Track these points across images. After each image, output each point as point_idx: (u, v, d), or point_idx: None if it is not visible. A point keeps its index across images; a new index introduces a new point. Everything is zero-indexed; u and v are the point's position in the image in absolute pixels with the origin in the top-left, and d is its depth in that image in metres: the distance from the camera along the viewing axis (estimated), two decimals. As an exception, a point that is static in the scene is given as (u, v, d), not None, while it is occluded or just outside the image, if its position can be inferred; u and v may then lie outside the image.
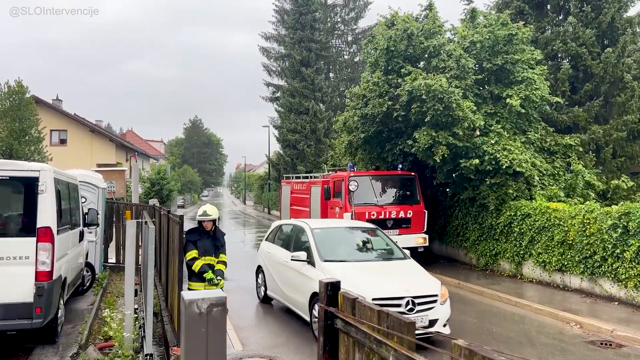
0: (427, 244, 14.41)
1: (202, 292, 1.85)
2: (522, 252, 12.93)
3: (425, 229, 14.52)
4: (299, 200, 17.68)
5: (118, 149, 40.35)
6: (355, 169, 15.60)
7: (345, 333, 2.16)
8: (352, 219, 13.34)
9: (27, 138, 25.08)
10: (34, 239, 7.27)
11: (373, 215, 13.85)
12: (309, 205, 16.48)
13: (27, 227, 7.33)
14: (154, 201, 17.57)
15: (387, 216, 14.01)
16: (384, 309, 1.90)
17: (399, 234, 13.75)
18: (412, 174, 15.05)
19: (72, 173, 11.17)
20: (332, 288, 2.31)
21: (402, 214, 14.17)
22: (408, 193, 14.73)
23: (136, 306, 8.90)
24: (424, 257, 14.38)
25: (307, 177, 18.09)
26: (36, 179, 7.41)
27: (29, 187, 7.43)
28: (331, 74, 42.06)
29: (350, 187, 13.71)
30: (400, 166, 15.48)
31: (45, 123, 30.34)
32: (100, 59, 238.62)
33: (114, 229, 15.21)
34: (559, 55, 17.23)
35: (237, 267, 16.78)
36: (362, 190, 13.96)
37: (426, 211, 14.67)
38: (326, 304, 2.32)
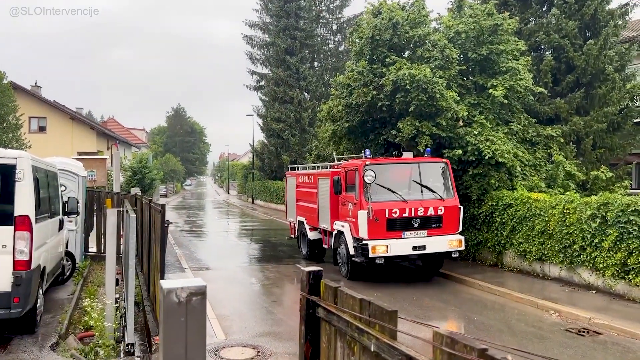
0: (462, 248, 11.98)
1: (181, 281, 1.82)
2: (503, 241, 13.08)
3: (460, 229, 12.09)
4: (305, 194, 15.22)
5: (99, 137, 39.77)
6: (371, 155, 12.87)
7: (327, 322, 2.15)
8: (368, 217, 11.25)
9: (4, 125, 24.56)
10: (12, 227, 7.14)
11: (395, 213, 11.40)
12: (316, 202, 14.12)
13: (4, 215, 7.19)
14: (135, 190, 17.40)
15: (413, 214, 11.47)
16: (366, 297, 1.89)
17: (427, 236, 11.60)
18: (444, 160, 12.54)
19: (51, 161, 10.98)
20: (314, 276, 2.29)
21: (431, 211, 11.59)
22: (438, 184, 12.19)
23: (117, 296, 8.83)
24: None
25: (314, 168, 15.76)
26: (13, 167, 7.26)
27: (6, 174, 7.28)
28: (316, 63, 41.86)
29: (366, 179, 11.25)
30: (428, 151, 12.90)
31: (24, 110, 29.74)
32: (81, 47, 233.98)
33: (94, 218, 15.03)
34: (542, 47, 17.36)
35: (221, 257, 16.77)
36: (380, 181, 11.55)
37: (461, 207, 12.24)
38: (308, 292, 2.30)
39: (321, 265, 13.73)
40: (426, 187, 12.03)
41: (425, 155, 12.77)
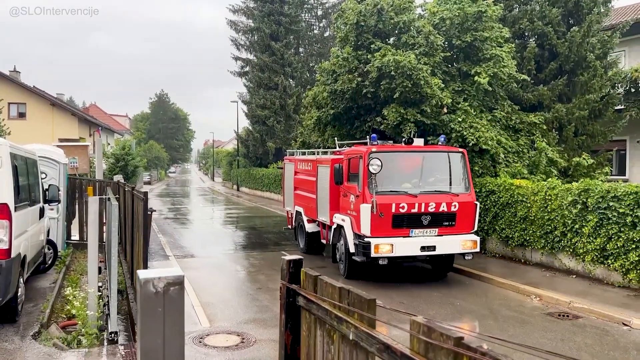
0: (477, 249, 10.60)
1: (159, 271, 1.79)
2: (486, 227, 13.23)
3: (475, 228, 10.77)
4: (304, 183, 13.91)
5: (81, 124, 39.16)
6: (378, 141, 11.42)
7: (307, 310, 2.15)
8: (372, 212, 9.91)
9: (-18, 111, 24.04)
10: (-10, 216, 7.01)
11: (402, 208, 10.06)
12: (315, 191, 12.82)
13: (-18, 203, 7.06)
14: (118, 177, 17.21)
15: (423, 210, 10.14)
16: (345, 286, 1.89)
17: (438, 235, 10.30)
18: (460, 150, 11.32)
19: (30, 148, 10.81)
20: (295, 265, 2.28)
21: (443, 207, 10.25)
22: (453, 177, 10.88)
23: (100, 284, 8.76)
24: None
25: (313, 153, 14.21)
26: (-9, 154, 7.12)
27: (-17, 162, 7.13)
28: (301, 49, 41.55)
29: (371, 168, 9.87)
30: (442, 138, 11.65)
31: (3, 95, 29.17)
32: (62, 32, 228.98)
33: (77, 206, 14.85)
34: (526, 34, 17.40)
35: (205, 244, 16.69)
36: (387, 171, 10.20)
37: (478, 203, 10.93)
38: (288, 281, 2.30)
39: (319, 261, 13.00)
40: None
41: (440, 143, 11.45)
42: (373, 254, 9.84)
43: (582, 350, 6.99)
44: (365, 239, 9.99)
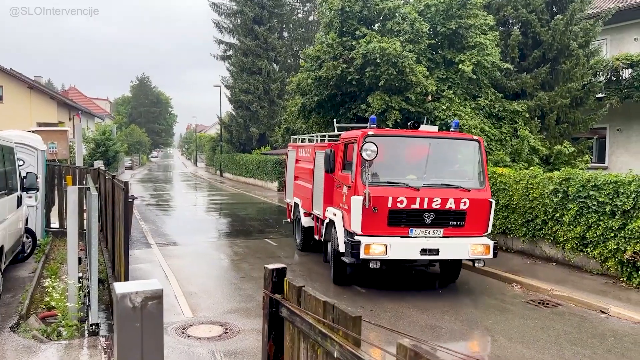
0: (490, 256, 8.80)
1: (136, 284, 1.72)
2: (468, 215, 13.33)
3: (489, 230, 9.06)
4: (302, 172, 12.45)
5: (60, 107, 38.36)
6: (377, 125, 9.62)
7: (291, 322, 2.10)
8: (364, 206, 8.35)
9: (-44, 94, 23.37)
10: (-35, 206, 6.83)
11: (401, 202, 8.47)
12: (312, 181, 11.31)
13: (-44, 194, 6.87)
14: (99, 163, 16.94)
15: (426, 206, 8.53)
16: (330, 300, 1.84)
17: (443, 237, 8.69)
18: (476, 137, 9.56)
19: (7, 135, 10.56)
20: (278, 274, 2.23)
21: (451, 204, 8.61)
22: (465, 169, 9.51)
23: (81, 274, 8.63)
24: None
25: (312, 140, 12.61)
26: (-36, 143, 6.91)
27: (-44, 151, 6.93)
28: (285, 33, 41.09)
29: (364, 154, 8.28)
30: (455, 123, 10.15)
31: (-23, 78, 28.38)
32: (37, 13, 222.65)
33: (56, 193, 14.58)
34: (510, 22, 17.41)
35: (188, 232, 16.55)
36: (386, 160, 8.82)
37: (493, 201, 9.15)
38: (271, 290, 2.24)
39: (315, 259, 11.77)
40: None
41: (452, 129, 9.90)
42: (363, 255, 8.32)
43: (561, 337, 7.12)
44: (355, 237, 8.49)
